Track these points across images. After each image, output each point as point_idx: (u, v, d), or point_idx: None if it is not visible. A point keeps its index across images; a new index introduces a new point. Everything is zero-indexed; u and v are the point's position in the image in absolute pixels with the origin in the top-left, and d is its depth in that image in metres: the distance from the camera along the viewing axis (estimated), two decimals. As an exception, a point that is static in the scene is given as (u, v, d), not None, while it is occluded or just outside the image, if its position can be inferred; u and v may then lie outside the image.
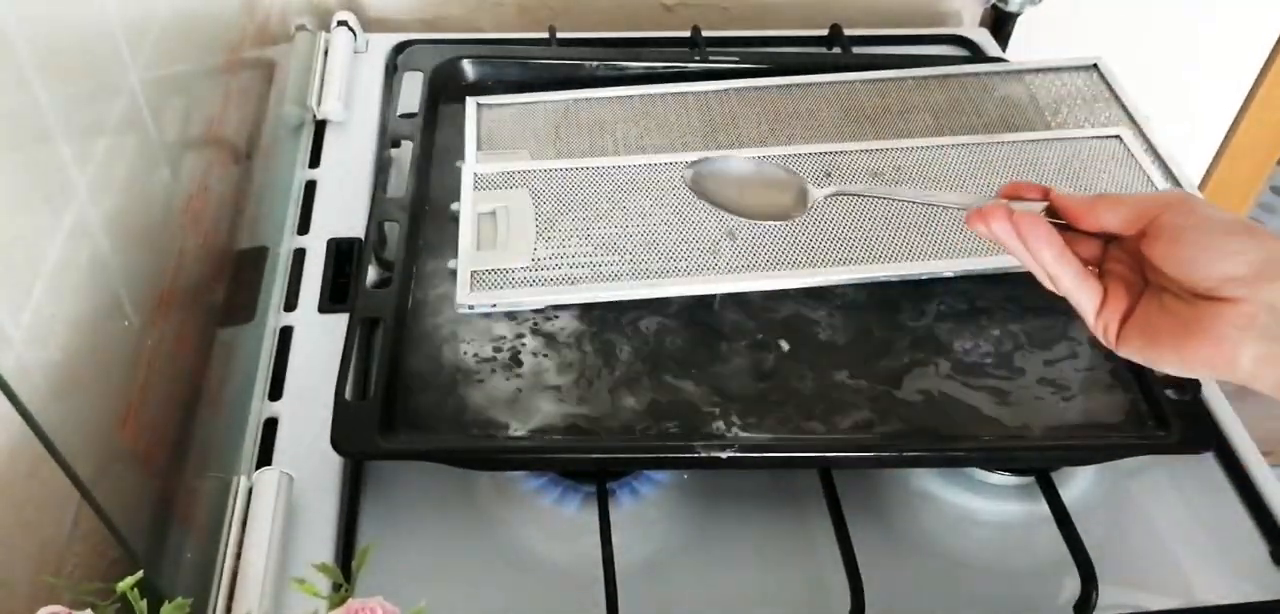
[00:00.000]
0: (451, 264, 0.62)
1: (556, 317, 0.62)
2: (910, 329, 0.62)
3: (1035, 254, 0.39)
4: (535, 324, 0.61)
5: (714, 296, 0.61)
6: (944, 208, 0.56)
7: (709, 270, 0.62)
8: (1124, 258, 0.39)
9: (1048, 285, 0.40)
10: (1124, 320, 0.39)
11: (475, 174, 0.67)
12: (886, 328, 0.62)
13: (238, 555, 0.51)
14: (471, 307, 0.60)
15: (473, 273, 0.61)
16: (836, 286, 0.63)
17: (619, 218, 0.65)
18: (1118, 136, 0.71)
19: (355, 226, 0.70)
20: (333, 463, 0.56)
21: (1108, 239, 0.40)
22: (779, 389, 0.59)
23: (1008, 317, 0.64)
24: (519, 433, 0.56)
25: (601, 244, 0.63)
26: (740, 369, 0.59)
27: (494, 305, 0.60)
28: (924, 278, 0.63)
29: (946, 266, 0.63)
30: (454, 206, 0.66)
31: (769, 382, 0.59)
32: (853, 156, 0.70)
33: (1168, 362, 0.38)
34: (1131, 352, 0.39)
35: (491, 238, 0.63)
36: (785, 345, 0.61)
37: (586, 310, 0.62)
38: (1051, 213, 0.41)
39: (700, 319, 0.62)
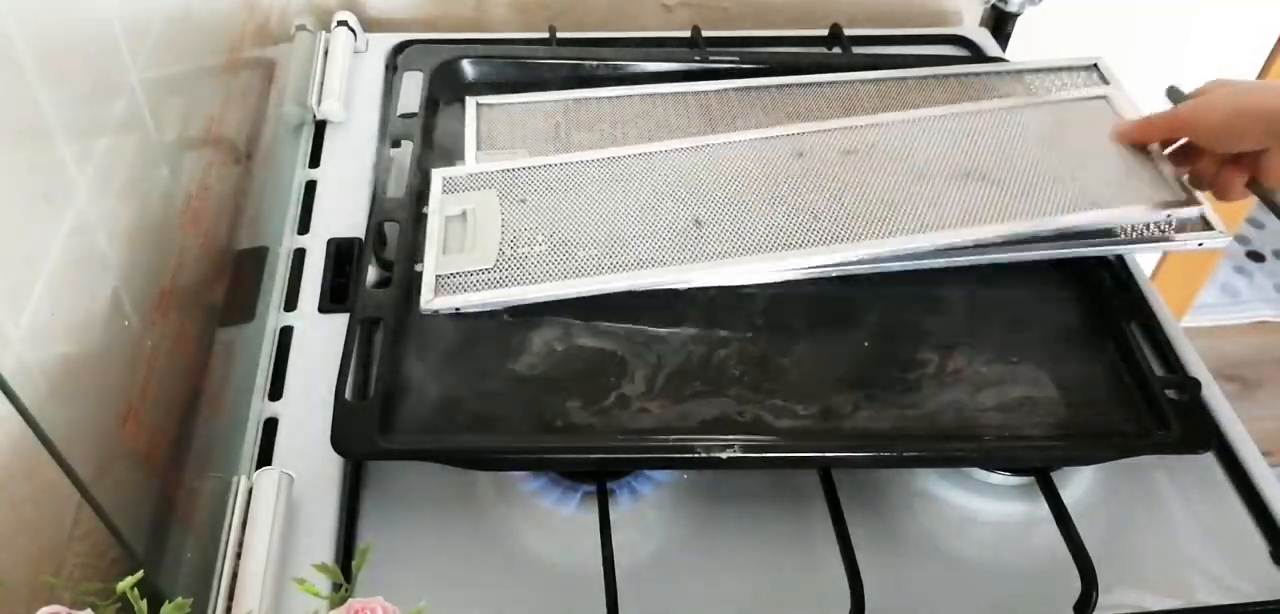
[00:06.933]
0: (418, 267, 0.62)
1: (556, 317, 0.61)
2: (909, 329, 0.62)
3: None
4: (534, 324, 0.61)
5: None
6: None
7: (677, 261, 0.62)
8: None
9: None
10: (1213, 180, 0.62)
11: (445, 177, 0.67)
12: (885, 327, 0.62)
13: (238, 555, 0.51)
14: (436, 310, 0.60)
15: (438, 277, 0.61)
16: (826, 279, 0.63)
17: (585, 214, 0.65)
18: (1104, 98, 0.71)
19: (355, 226, 0.70)
20: (333, 463, 0.56)
21: None
22: (778, 390, 0.59)
23: (1007, 316, 0.64)
24: (519, 433, 0.56)
25: (567, 240, 0.63)
26: (739, 370, 0.60)
27: (457, 308, 0.60)
28: (904, 261, 0.63)
29: (923, 242, 0.62)
30: (425, 210, 0.66)
31: (767, 381, 0.59)
32: (827, 135, 0.69)
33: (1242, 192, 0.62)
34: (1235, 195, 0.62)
35: (460, 241, 0.63)
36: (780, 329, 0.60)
37: (587, 311, 0.62)
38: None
39: (701, 320, 0.62)
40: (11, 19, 0.43)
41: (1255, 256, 1.97)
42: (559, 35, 0.88)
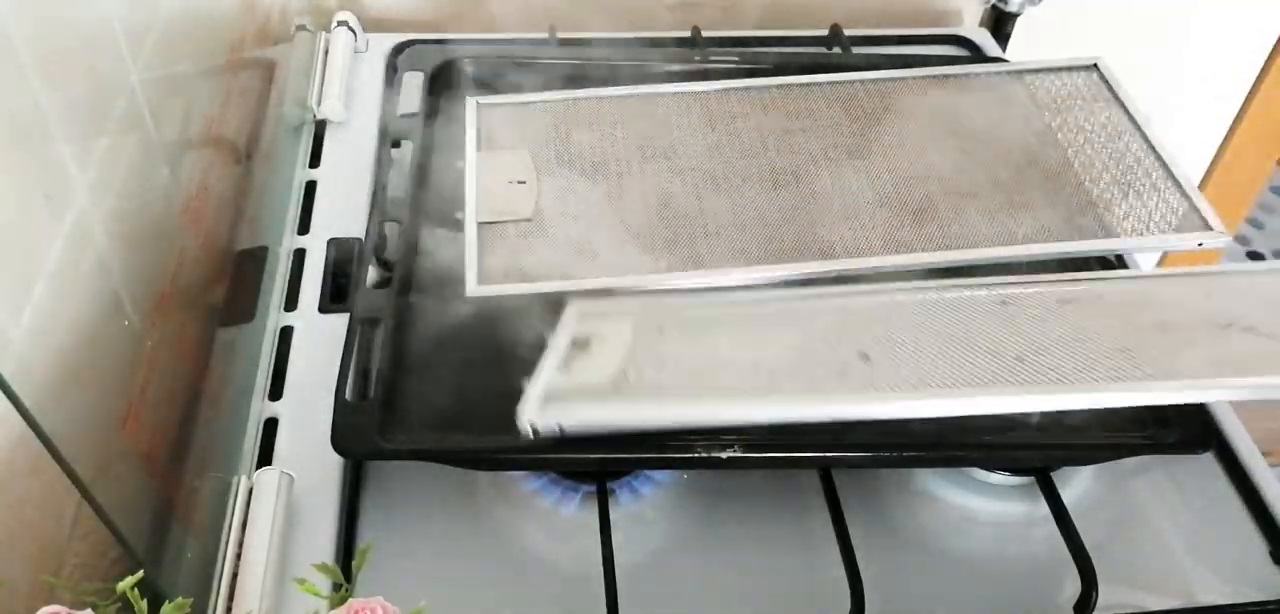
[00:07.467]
0: (524, 381, 0.54)
1: (557, 317, 0.61)
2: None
3: None
4: (534, 324, 0.61)
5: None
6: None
7: (839, 393, 0.53)
8: None
9: None
10: None
11: (581, 309, 0.59)
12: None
13: (238, 555, 0.51)
14: (533, 425, 0.52)
15: (546, 391, 0.54)
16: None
17: (731, 344, 0.57)
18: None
19: (355, 226, 0.70)
20: (333, 463, 0.56)
21: None
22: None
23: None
24: (519, 433, 0.56)
25: (705, 370, 0.54)
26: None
27: (560, 426, 0.53)
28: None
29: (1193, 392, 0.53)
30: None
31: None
32: (1038, 285, 0.60)
33: None
34: None
35: (580, 361, 0.56)
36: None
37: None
38: None
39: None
40: (11, 19, 0.43)
41: (1255, 257, 1.97)
42: (559, 35, 0.88)
